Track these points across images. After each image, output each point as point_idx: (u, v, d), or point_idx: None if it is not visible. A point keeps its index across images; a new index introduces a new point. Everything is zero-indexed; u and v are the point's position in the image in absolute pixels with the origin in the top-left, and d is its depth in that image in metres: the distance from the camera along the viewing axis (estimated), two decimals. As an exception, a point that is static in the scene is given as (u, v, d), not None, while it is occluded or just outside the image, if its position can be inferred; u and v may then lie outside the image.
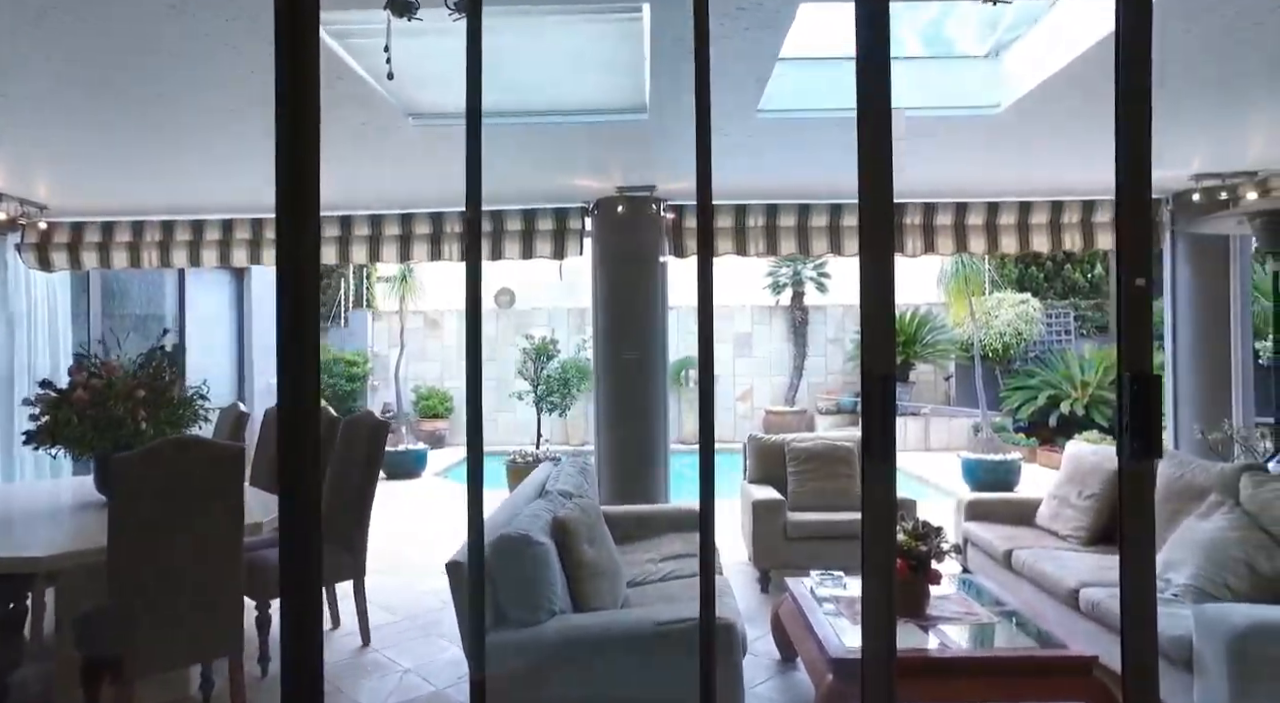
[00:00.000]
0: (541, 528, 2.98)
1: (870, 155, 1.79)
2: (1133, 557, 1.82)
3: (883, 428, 1.77)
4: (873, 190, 1.78)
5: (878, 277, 1.81)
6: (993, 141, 4.34)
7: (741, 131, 4.08)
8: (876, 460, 1.79)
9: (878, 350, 1.79)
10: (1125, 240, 1.85)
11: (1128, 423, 1.82)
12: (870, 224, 1.81)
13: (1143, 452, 1.80)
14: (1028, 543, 4.14)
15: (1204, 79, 3.56)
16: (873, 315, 1.80)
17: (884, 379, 1.77)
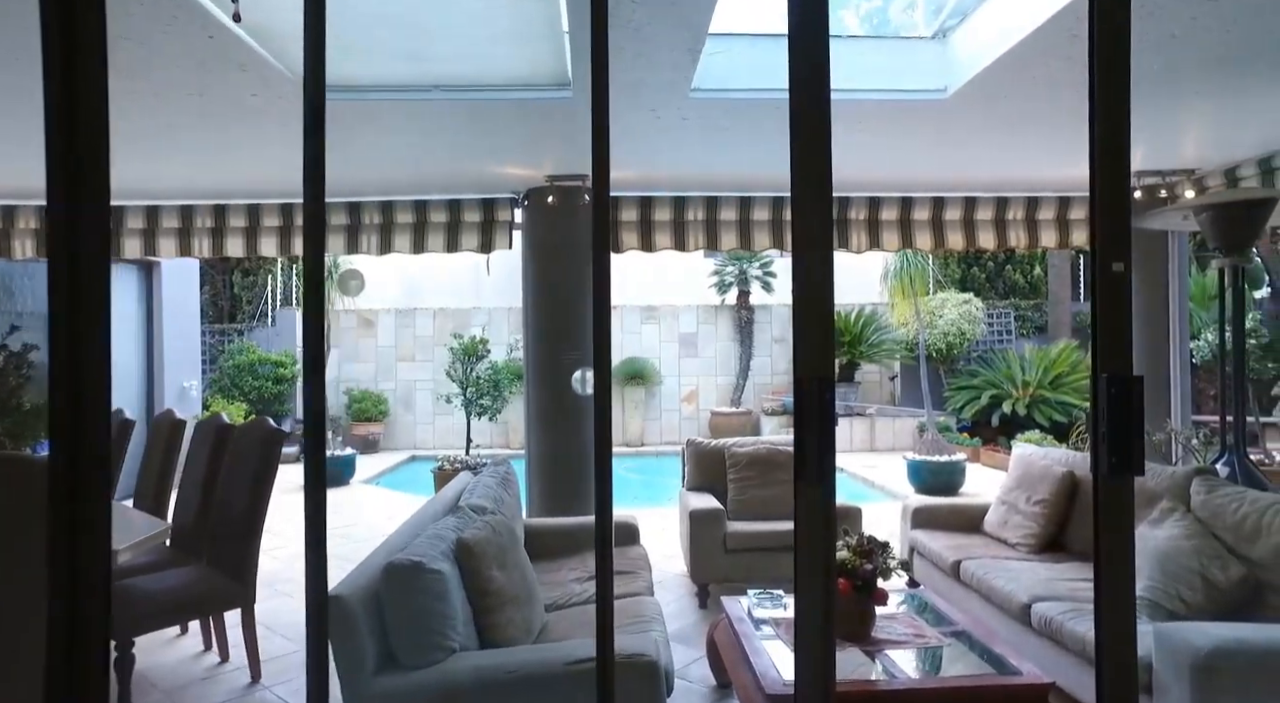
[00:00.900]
0: (442, 552, 2.61)
1: (805, 143, 1.51)
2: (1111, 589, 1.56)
3: (820, 443, 1.47)
4: (808, 179, 1.49)
5: (814, 271, 1.51)
6: (940, 129, 4.14)
7: (674, 112, 3.78)
8: (811, 482, 1.49)
9: (814, 350, 1.49)
10: (1102, 220, 1.58)
11: (1104, 432, 1.55)
12: (806, 213, 1.52)
13: (1122, 467, 1.53)
14: (976, 552, 3.94)
15: (1141, 75, 3.42)
16: (808, 313, 1.49)
17: (820, 382, 1.47)
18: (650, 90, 3.52)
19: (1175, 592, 2.97)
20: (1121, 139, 1.56)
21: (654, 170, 5.08)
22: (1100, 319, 1.55)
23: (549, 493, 5.36)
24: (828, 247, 1.50)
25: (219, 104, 3.50)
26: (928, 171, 5.19)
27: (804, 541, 1.48)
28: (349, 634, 2.23)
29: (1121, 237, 1.54)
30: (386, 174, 5.12)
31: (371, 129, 4.11)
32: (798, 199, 1.51)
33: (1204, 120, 4.23)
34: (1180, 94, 3.73)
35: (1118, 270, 1.53)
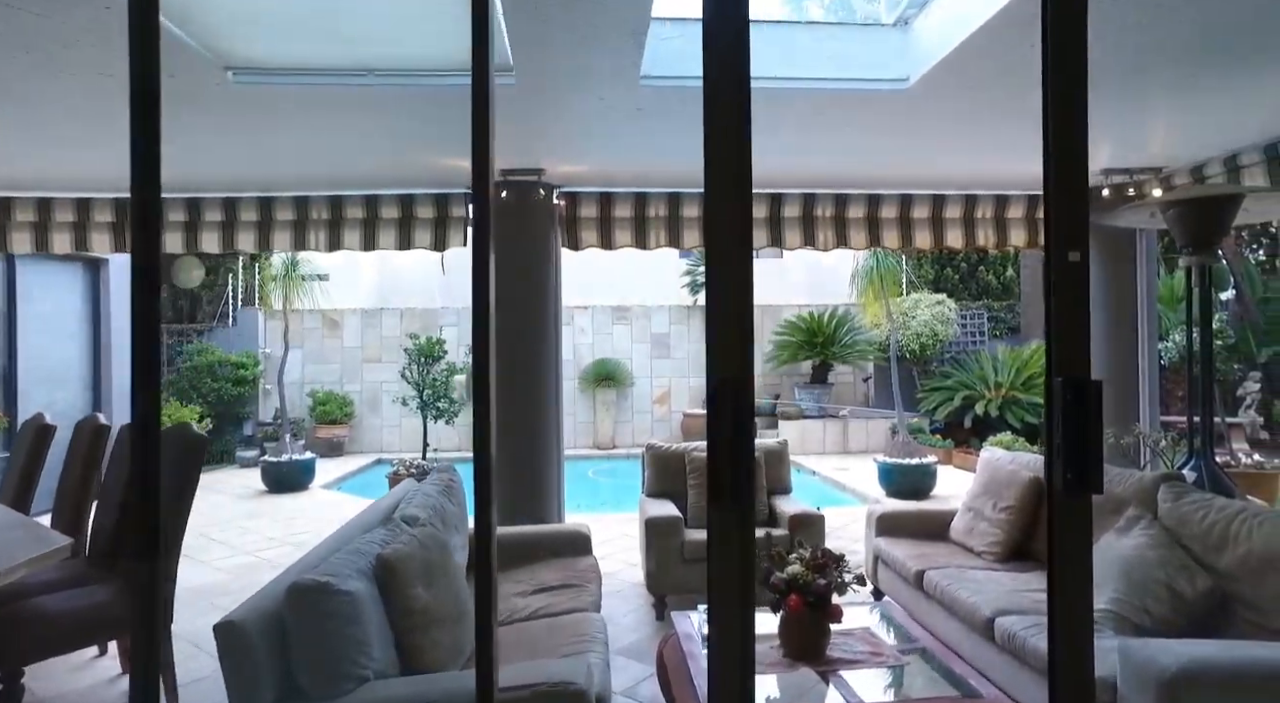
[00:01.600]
0: (359, 570, 2.41)
1: (720, 132, 1.38)
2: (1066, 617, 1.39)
3: (736, 456, 1.29)
4: (724, 172, 1.33)
5: (731, 266, 1.36)
6: (903, 121, 4.00)
7: (625, 100, 3.59)
8: (726, 503, 1.31)
9: (728, 351, 1.31)
10: (1057, 204, 1.40)
11: (1059, 444, 1.38)
12: (720, 200, 1.38)
13: (1078, 484, 1.37)
14: (941, 561, 3.80)
15: (1108, 71, 3.32)
16: (723, 311, 1.32)
17: (735, 386, 1.29)
18: (597, 77, 3.33)
19: (1141, 604, 2.83)
20: (1077, 119, 1.40)
21: (612, 164, 4.89)
22: (1055, 315, 1.39)
23: (505, 501, 5.15)
24: (746, 243, 1.34)
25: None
26: (895, 167, 5.06)
27: (719, 572, 1.30)
28: (243, 664, 2.02)
29: (1078, 223, 1.38)
30: (334, 167, 4.89)
31: (314, 119, 3.89)
32: (712, 193, 1.34)
33: (1171, 118, 4.14)
34: (1147, 90, 3.63)
35: (1074, 260, 1.36)
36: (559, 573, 3.63)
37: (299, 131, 4.10)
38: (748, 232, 1.28)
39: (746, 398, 1.24)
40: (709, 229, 1.24)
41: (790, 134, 4.22)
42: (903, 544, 4.12)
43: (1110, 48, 3.03)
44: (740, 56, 1.28)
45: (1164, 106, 3.92)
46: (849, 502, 8.41)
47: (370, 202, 5.39)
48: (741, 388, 1.24)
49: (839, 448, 11.47)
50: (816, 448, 11.39)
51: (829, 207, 5.53)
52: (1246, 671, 2.18)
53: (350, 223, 5.39)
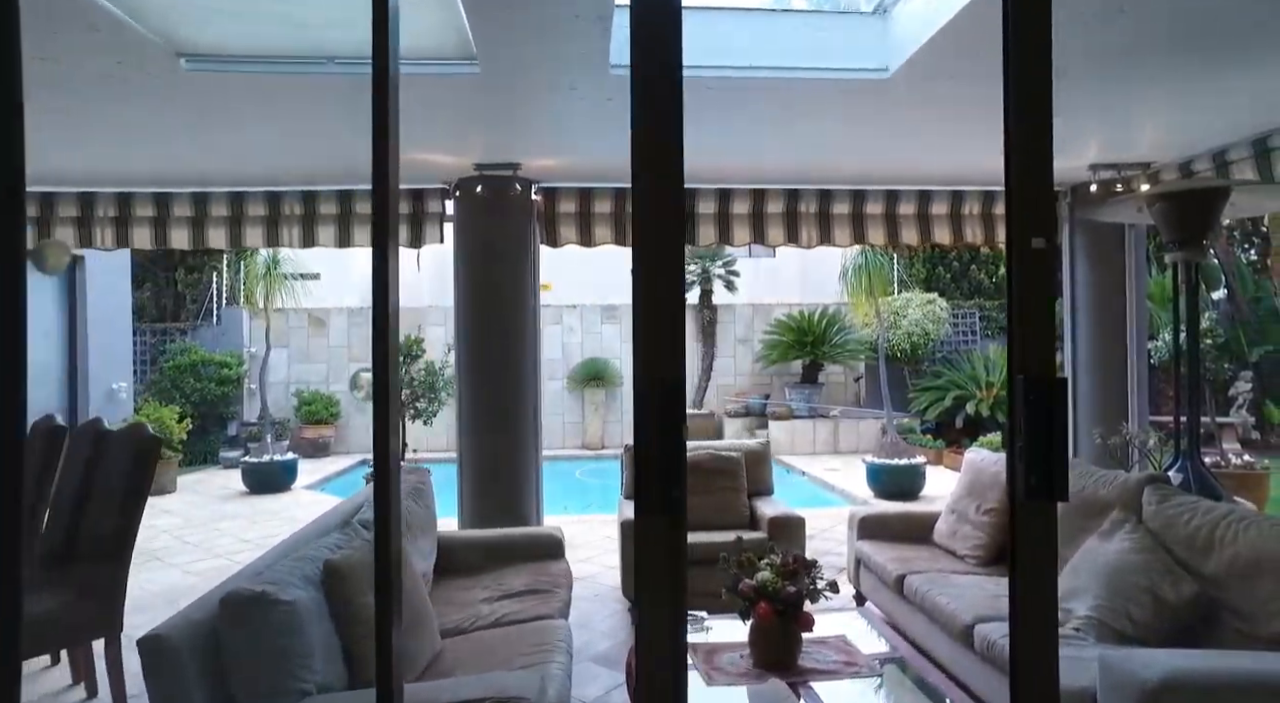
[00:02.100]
0: (304, 577, 2.30)
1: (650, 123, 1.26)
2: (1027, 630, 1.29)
3: (665, 460, 1.18)
4: (653, 158, 1.24)
5: (661, 262, 1.26)
6: (883, 113, 3.89)
7: (595, 90, 3.48)
8: (654, 510, 1.20)
9: (660, 347, 1.20)
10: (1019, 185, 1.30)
11: (1022, 447, 1.28)
12: (649, 192, 1.28)
13: (1041, 490, 1.26)
14: (922, 566, 3.69)
15: (1095, 64, 3.23)
16: (652, 310, 1.21)
17: (665, 385, 1.18)
18: (565, 65, 3.22)
19: (1124, 611, 2.74)
20: (1041, 92, 1.30)
21: (590, 159, 4.78)
22: (1018, 307, 1.28)
23: (481, 503, 5.04)
24: (677, 238, 1.24)
25: (81, 75, 3.14)
26: (879, 162, 4.96)
27: (648, 592, 1.19)
28: (170, 680, 1.90)
29: (1043, 206, 1.27)
30: (305, 161, 4.77)
31: (278, 110, 3.77)
32: (640, 185, 1.24)
33: (1159, 112, 4.05)
34: (1135, 84, 3.54)
35: (1038, 246, 1.26)
36: (528, 578, 3.52)
37: (262, 123, 3.98)
38: (679, 225, 1.17)
39: (677, 400, 1.13)
40: (638, 223, 1.14)
41: (769, 126, 4.12)
42: (885, 548, 4.02)
43: (1096, 39, 2.93)
44: (670, 45, 1.18)
45: (1152, 101, 3.83)
46: (837, 503, 8.31)
47: (344, 197, 5.28)
48: (672, 389, 1.13)
49: (829, 448, 11.37)
50: (807, 448, 11.30)
51: (813, 203, 5.42)
52: (1230, 682, 2.09)
53: (324, 219, 5.27)
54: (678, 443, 1.13)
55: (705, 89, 3.50)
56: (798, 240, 5.43)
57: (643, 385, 1.14)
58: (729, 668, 2.62)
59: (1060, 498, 1.16)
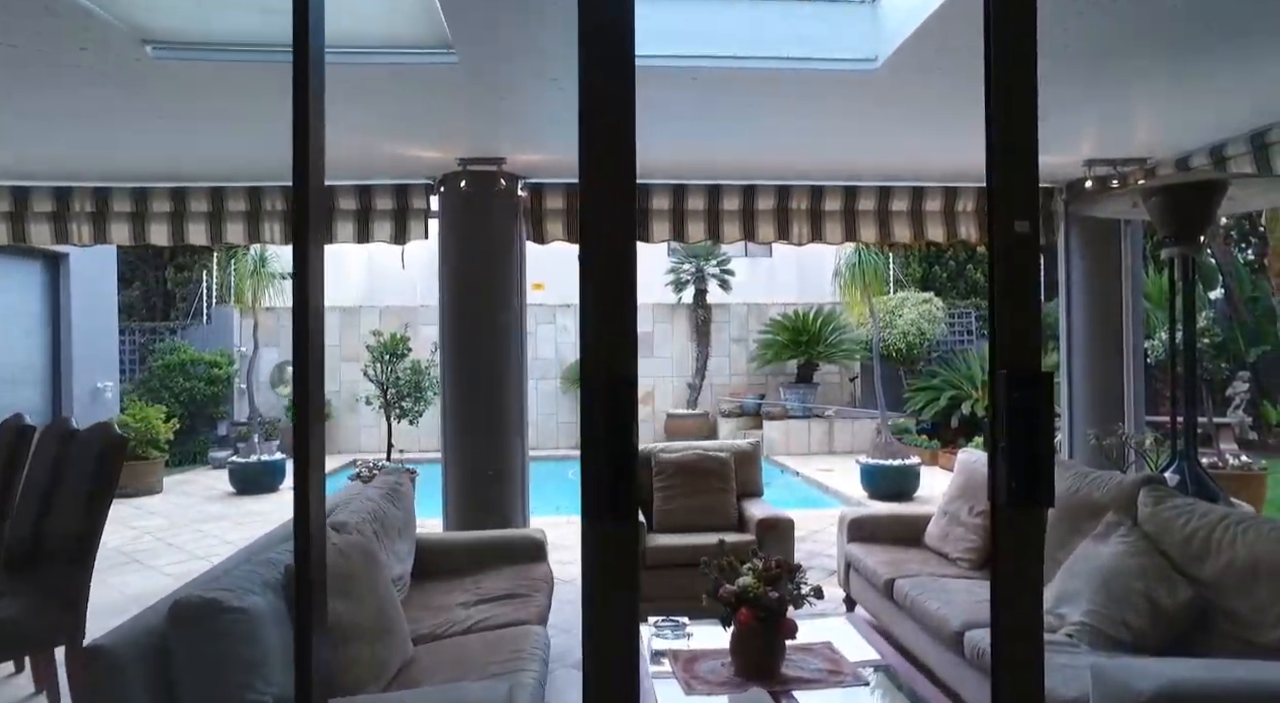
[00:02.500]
0: (264, 583, 2.20)
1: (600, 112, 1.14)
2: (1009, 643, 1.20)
3: (615, 468, 1.09)
4: (603, 155, 1.18)
5: (611, 257, 1.17)
6: (874, 105, 3.81)
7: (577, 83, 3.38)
8: (602, 516, 1.11)
9: (608, 348, 1.11)
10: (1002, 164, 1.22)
11: (1004, 448, 1.19)
12: (600, 182, 1.19)
13: (1025, 494, 1.17)
14: (913, 569, 3.60)
15: (1091, 58, 3.15)
16: (602, 307, 1.12)
17: (616, 383, 1.09)
18: (545, 55, 3.13)
19: (1119, 616, 2.65)
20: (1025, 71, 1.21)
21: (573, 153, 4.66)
22: (1000, 296, 1.18)
23: (466, 504, 4.94)
24: (628, 229, 1.15)
25: (43, 62, 3.04)
26: (870, 157, 4.86)
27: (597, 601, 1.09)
28: (112, 694, 1.81)
29: (1026, 189, 1.18)
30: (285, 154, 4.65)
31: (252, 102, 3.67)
32: (590, 175, 1.16)
33: (1154, 106, 3.97)
34: (1130, 78, 3.46)
35: (1021, 231, 1.17)
36: (508, 581, 3.43)
37: (236, 115, 3.88)
38: (630, 217, 1.09)
39: (628, 400, 1.04)
40: (585, 214, 1.05)
41: (757, 119, 4.02)
42: (875, 551, 3.93)
43: (1090, 27, 2.85)
44: (622, 33, 1.10)
45: (1148, 94, 3.75)
46: (831, 504, 8.22)
47: (327, 192, 5.17)
48: (622, 389, 1.04)
49: (824, 448, 11.29)
50: (801, 448, 11.21)
51: (804, 199, 5.33)
52: (1227, 693, 2.00)
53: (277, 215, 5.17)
54: (627, 444, 1.04)
55: (690, 80, 3.41)
56: (789, 237, 5.34)
57: (590, 382, 1.05)
58: (709, 677, 2.53)
59: (1045, 504, 1.07)
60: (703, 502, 4.45)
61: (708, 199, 5.28)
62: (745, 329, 12.48)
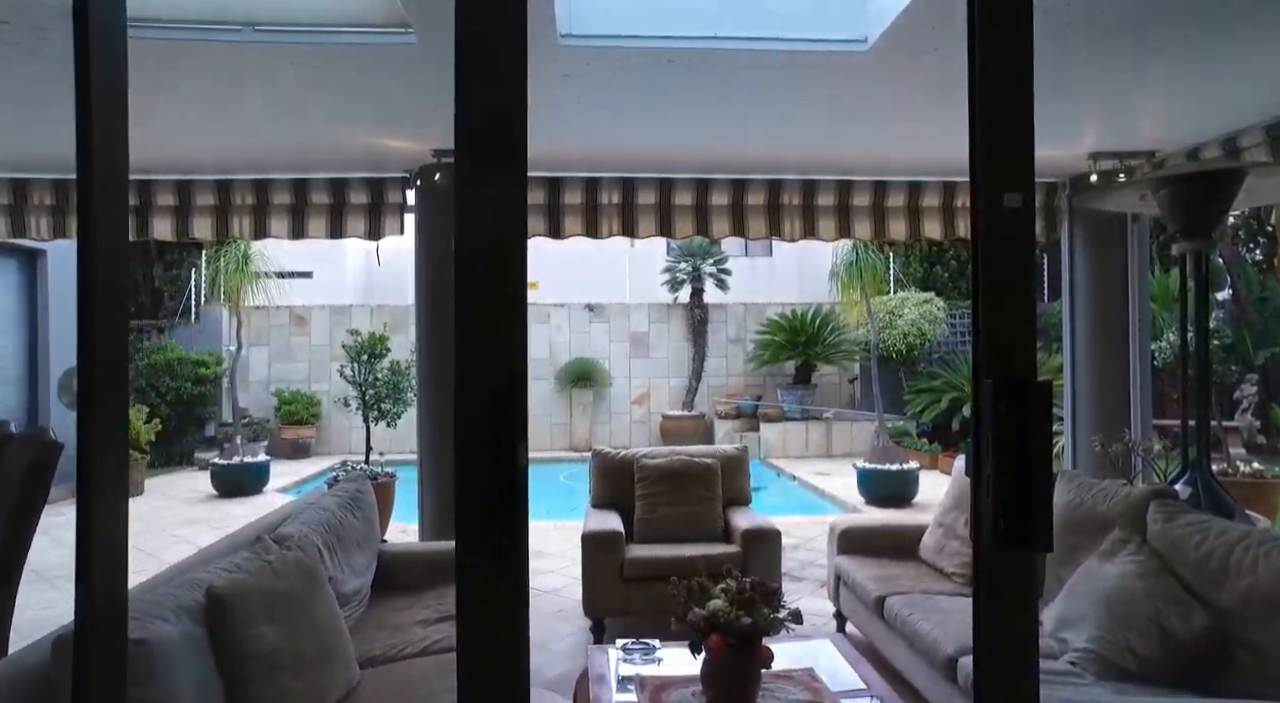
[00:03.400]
0: (181, 608, 1.99)
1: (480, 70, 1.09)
2: None
3: (500, 493, 0.86)
4: (484, 124, 1.05)
5: (499, 251, 0.96)
6: (865, 91, 3.59)
7: (546, 63, 3.17)
8: (483, 557, 0.89)
9: (491, 353, 0.88)
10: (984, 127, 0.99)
11: (991, 474, 0.95)
12: (480, 169, 0.98)
13: (1016, 535, 0.91)
14: (905, 585, 3.38)
15: (1095, 42, 2.93)
16: (482, 309, 0.89)
17: (497, 396, 0.87)
18: (510, 33, 2.91)
19: (1125, 643, 2.43)
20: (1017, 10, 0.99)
21: (556, 145, 4.47)
22: (987, 286, 0.97)
23: (442, 513, 4.73)
24: (517, 220, 0.94)
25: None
26: (865, 150, 4.64)
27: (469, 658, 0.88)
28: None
29: (1018, 153, 0.96)
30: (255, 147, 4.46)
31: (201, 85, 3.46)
32: (466, 161, 0.95)
33: (1163, 94, 3.74)
34: (1138, 66, 3.24)
35: (1012, 206, 0.95)
36: (472, 598, 3.21)
37: (187, 101, 3.66)
38: (520, 207, 0.88)
39: (512, 414, 0.83)
40: (463, 193, 0.84)
41: (740, 106, 3.80)
42: (866, 564, 3.71)
43: (1095, 8, 2.63)
44: None
45: (1157, 81, 3.52)
46: (827, 509, 8.00)
47: (299, 186, 4.97)
48: (507, 400, 0.82)
49: (822, 451, 11.06)
50: (799, 451, 10.99)
51: (796, 194, 5.11)
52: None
53: (277, 209, 4.97)
54: (514, 466, 0.83)
55: (666, 63, 3.19)
56: (780, 233, 5.12)
57: (464, 390, 0.83)
58: (678, 708, 2.31)
59: (1040, 548, 0.85)
60: (687, 510, 4.23)
61: (696, 193, 5.06)
62: (743, 329, 12.25)
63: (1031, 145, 0.89)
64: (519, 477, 0.82)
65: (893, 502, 7.41)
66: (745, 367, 12.18)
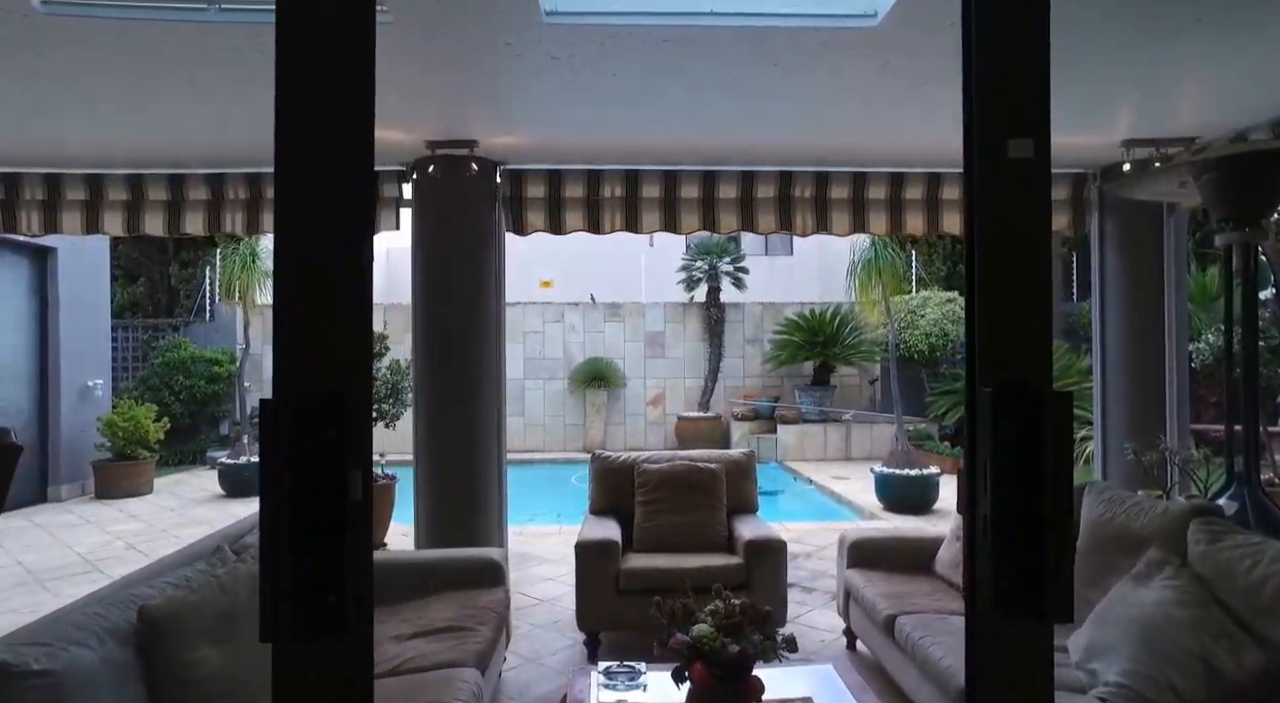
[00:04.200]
0: (108, 629, 1.82)
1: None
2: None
3: (318, 554, 0.66)
4: (318, 105, 0.92)
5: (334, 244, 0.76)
6: (877, 73, 3.33)
7: (533, 45, 2.97)
8: (300, 627, 0.68)
9: (321, 357, 0.68)
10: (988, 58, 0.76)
11: (989, 514, 0.71)
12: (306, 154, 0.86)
13: (1023, 601, 0.68)
14: (918, 604, 3.13)
15: (1127, 20, 2.67)
16: (303, 309, 0.70)
17: (313, 402, 0.66)
18: (491, 13, 2.72)
19: (1166, 680, 2.16)
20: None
21: (554, 135, 4.27)
22: (984, 264, 0.75)
23: (438, 520, 4.55)
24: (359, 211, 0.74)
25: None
26: (878, 138, 4.37)
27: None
28: None
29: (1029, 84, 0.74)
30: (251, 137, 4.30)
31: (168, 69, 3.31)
32: (291, 144, 0.75)
33: (1205, 74, 3.44)
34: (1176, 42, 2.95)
35: (1020, 155, 0.72)
36: (453, 610, 3.03)
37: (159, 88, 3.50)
38: (358, 197, 0.67)
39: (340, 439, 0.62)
40: (279, 192, 0.64)
41: (742, 91, 3.56)
42: (878, 579, 3.46)
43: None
44: None
45: (1197, 59, 3.22)
46: (844, 515, 7.73)
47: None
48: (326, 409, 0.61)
49: (841, 454, 10.76)
50: (817, 454, 10.70)
51: (808, 186, 4.86)
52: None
53: (269, 203, 4.82)
54: (339, 503, 0.62)
55: (661, 42, 2.98)
56: (791, 227, 4.87)
57: (276, 413, 0.63)
58: (659, 744, 2.10)
59: (1059, 619, 0.63)
60: (689, 519, 4.01)
61: (702, 186, 4.83)
62: (760, 329, 11.98)
63: (1046, 71, 0.66)
64: (347, 508, 0.62)
65: (912, 508, 7.12)
66: (762, 367, 11.91)
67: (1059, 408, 0.63)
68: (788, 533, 6.04)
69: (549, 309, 12.04)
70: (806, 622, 4.25)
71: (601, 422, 11.68)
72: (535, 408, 11.85)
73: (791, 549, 5.08)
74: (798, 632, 4.17)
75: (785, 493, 9.22)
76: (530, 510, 7.61)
